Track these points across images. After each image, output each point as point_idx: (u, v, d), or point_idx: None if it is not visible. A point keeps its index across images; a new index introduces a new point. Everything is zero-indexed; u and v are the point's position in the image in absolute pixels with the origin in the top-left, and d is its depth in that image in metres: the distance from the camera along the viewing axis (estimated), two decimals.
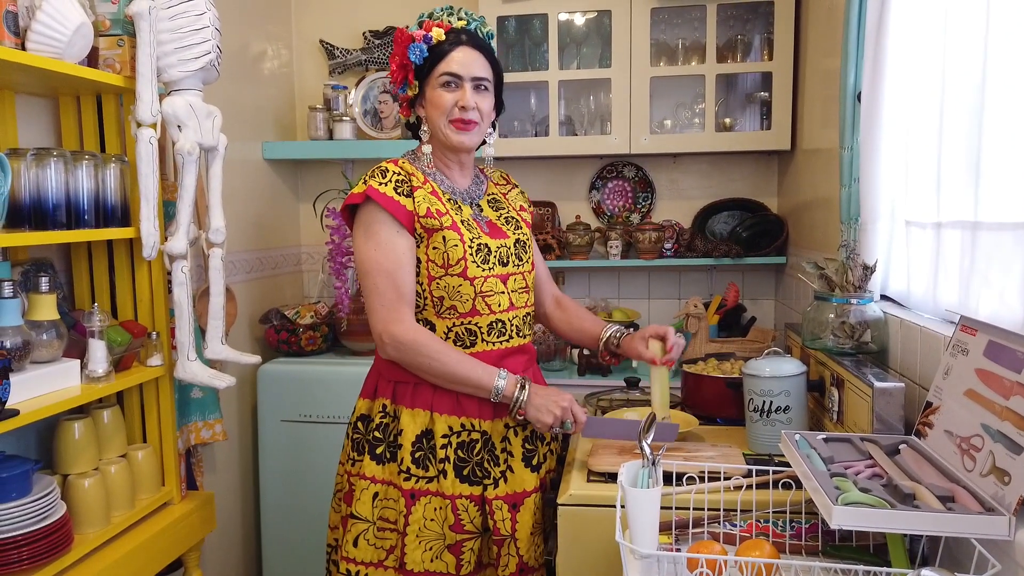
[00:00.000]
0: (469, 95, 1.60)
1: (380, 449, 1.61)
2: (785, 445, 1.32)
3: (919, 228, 1.58)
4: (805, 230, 2.56)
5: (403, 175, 1.60)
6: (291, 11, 3.16)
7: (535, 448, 1.66)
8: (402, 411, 1.61)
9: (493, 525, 1.59)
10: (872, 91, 1.67)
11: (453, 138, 1.62)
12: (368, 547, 1.60)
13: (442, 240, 1.57)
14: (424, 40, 1.60)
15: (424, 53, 1.60)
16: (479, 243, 1.61)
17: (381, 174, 1.59)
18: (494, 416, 1.63)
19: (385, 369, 1.65)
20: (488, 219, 1.69)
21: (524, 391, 1.57)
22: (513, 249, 1.68)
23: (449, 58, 1.60)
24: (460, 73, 1.60)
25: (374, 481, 1.61)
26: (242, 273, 2.75)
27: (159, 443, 1.99)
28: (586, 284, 3.13)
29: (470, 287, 1.59)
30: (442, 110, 1.61)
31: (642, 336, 1.74)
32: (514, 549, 1.59)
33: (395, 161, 1.63)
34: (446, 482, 1.58)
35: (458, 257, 1.58)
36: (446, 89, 1.60)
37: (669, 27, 2.86)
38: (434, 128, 1.64)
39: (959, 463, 1.14)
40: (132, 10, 1.74)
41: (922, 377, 1.43)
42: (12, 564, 1.48)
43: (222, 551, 2.62)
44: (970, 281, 1.31)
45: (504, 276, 1.65)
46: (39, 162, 1.62)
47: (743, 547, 1.18)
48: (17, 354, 1.54)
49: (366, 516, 1.60)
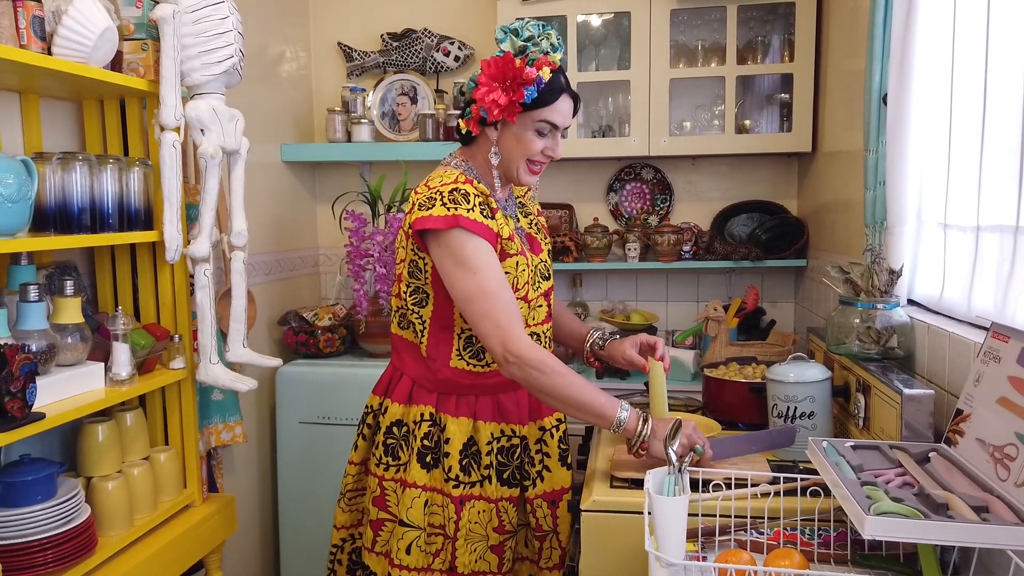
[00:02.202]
0: (560, 144, 1.60)
1: (429, 457, 1.62)
2: (812, 452, 1.31)
3: (959, 231, 1.55)
4: (826, 233, 2.54)
5: (482, 197, 1.55)
6: (309, 14, 3.17)
7: (568, 447, 1.72)
8: (448, 419, 1.62)
9: (535, 522, 1.65)
10: (899, 93, 1.65)
11: (524, 178, 1.61)
12: (420, 553, 1.61)
13: (515, 265, 1.58)
14: (538, 83, 1.52)
15: (535, 95, 1.53)
16: (533, 266, 1.64)
17: (464, 199, 1.52)
18: (529, 420, 1.68)
19: (422, 378, 1.65)
20: (525, 231, 1.71)
21: (647, 425, 1.51)
22: (548, 261, 1.72)
23: (553, 108, 1.55)
24: (559, 124, 1.58)
25: (425, 489, 1.61)
26: (260, 275, 2.76)
27: (181, 445, 1.99)
28: (604, 286, 3.12)
29: (526, 307, 1.61)
30: (528, 153, 1.58)
31: (632, 343, 1.75)
32: (556, 542, 1.68)
33: (469, 181, 1.56)
34: (490, 487, 1.62)
35: (524, 281, 1.60)
36: (538, 133, 1.57)
37: (689, 28, 2.85)
38: (508, 162, 1.60)
39: (992, 472, 1.12)
40: (156, 14, 1.75)
41: (950, 384, 1.41)
42: (38, 567, 1.48)
43: (241, 553, 2.63)
44: (1009, 286, 1.29)
45: (548, 291, 1.69)
46: (64, 166, 1.63)
47: (772, 556, 1.16)
48: (43, 357, 1.55)
49: (418, 523, 1.61)
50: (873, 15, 1.72)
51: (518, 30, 1.56)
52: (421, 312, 1.62)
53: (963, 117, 1.51)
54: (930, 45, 1.60)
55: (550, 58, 1.55)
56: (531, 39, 1.56)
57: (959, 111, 1.53)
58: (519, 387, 1.63)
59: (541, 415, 1.69)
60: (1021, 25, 1.27)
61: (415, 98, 3.07)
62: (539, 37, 1.56)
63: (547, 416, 1.70)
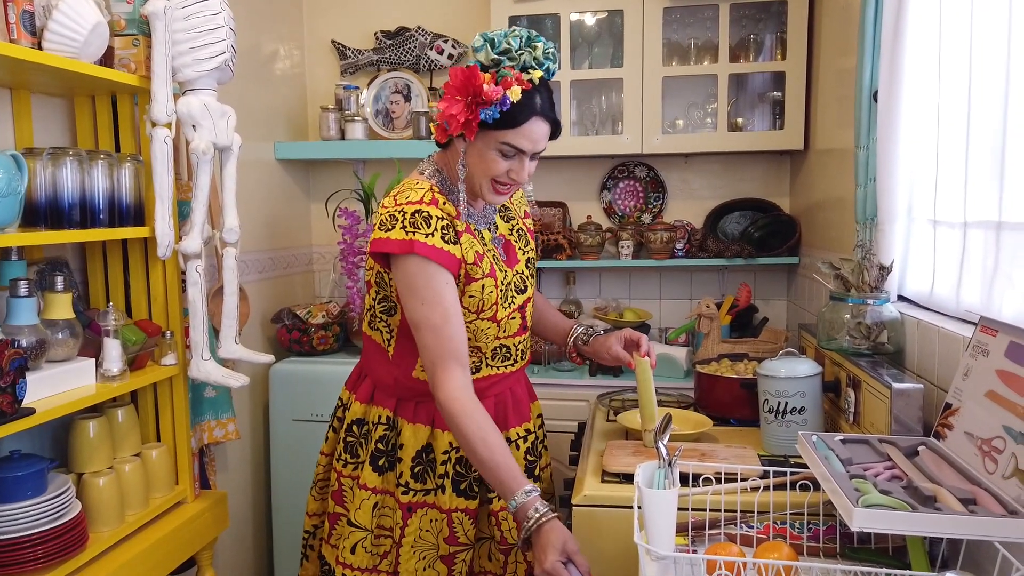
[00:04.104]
0: (526, 168, 1.47)
1: (382, 460, 1.60)
2: (802, 446, 1.31)
3: (947, 227, 1.56)
4: (818, 230, 2.55)
5: (447, 220, 1.47)
6: (303, 12, 3.17)
7: (536, 460, 1.67)
8: (404, 424, 1.59)
9: (500, 535, 1.58)
10: (889, 90, 1.66)
11: (489, 197, 1.50)
12: (365, 554, 1.60)
13: (480, 288, 1.51)
14: (501, 103, 1.38)
15: (496, 116, 1.39)
16: (506, 283, 1.57)
17: (425, 223, 1.43)
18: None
19: (384, 381, 1.62)
20: (503, 238, 1.64)
21: (539, 523, 1.34)
22: (526, 271, 1.65)
23: (519, 131, 1.41)
24: (526, 150, 1.44)
25: (374, 492, 1.59)
26: (254, 273, 2.75)
27: (173, 442, 1.99)
28: (597, 284, 3.12)
29: (496, 327, 1.56)
30: (491, 173, 1.46)
31: (617, 338, 1.68)
32: (521, 556, 1.59)
33: (434, 203, 1.47)
34: (444, 497, 1.56)
35: (491, 302, 1.53)
36: (502, 154, 1.44)
37: (681, 27, 2.85)
38: (472, 178, 1.49)
39: (980, 465, 1.13)
40: (147, 10, 1.74)
41: (940, 378, 1.42)
42: (27, 563, 1.48)
43: (234, 550, 2.62)
44: (993, 281, 1.30)
45: (523, 304, 1.62)
46: (55, 161, 1.62)
47: (761, 549, 1.17)
48: (33, 353, 1.55)
49: (365, 525, 1.59)
50: (864, 13, 1.72)
51: (495, 40, 1.41)
52: (389, 320, 1.59)
53: (951, 114, 1.52)
54: (919, 42, 1.60)
55: (527, 75, 1.40)
56: (507, 52, 1.41)
57: (947, 108, 1.54)
58: (481, 394, 1.54)
59: (507, 425, 1.62)
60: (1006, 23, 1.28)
61: (409, 96, 3.07)
62: (518, 51, 1.41)
63: (513, 427, 1.63)
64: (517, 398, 1.66)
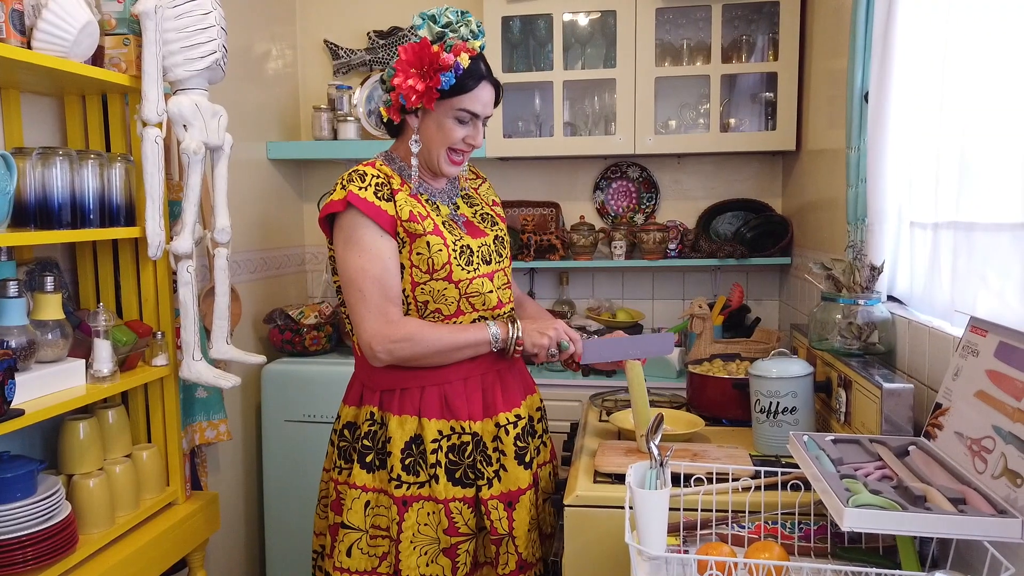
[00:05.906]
0: (481, 134, 1.60)
1: (370, 457, 1.59)
2: (793, 446, 1.31)
3: (920, 228, 1.58)
4: (810, 231, 2.55)
5: (382, 178, 1.56)
6: (295, 11, 3.16)
7: (527, 445, 1.65)
8: (390, 418, 1.59)
9: (490, 525, 1.58)
10: (879, 91, 1.67)
11: (445, 168, 1.61)
12: (361, 556, 1.58)
13: (426, 245, 1.54)
14: (455, 69, 1.51)
15: (452, 82, 1.52)
16: (462, 245, 1.59)
17: (360, 178, 1.54)
18: (484, 416, 1.61)
19: (368, 378, 1.63)
20: (465, 217, 1.68)
21: (515, 325, 1.58)
22: (493, 246, 1.67)
23: (473, 96, 1.55)
24: (480, 113, 1.58)
25: (365, 490, 1.59)
26: (246, 273, 2.74)
27: (164, 443, 1.98)
28: (590, 284, 3.12)
29: (455, 290, 1.58)
30: (449, 141, 1.58)
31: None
32: (512, 547, 1.59)
33: (372, 163, 1.59)
34: (438, 487, 1.56)
35: (443, 262, 1.55)
36: (458, 122, 1.57)
37: (674, 27, 2.86)
38: (429, 151, 1.60)
39: (970, 465, 1.14)
40: (138, 9, 1.74)
41: (930, 378, 1.42)
42: (17, 564, 1.47)
43: (226, 551, 2.61)
44: (966, 281, 1.31)
45: (490, 274, 1.64)
46: (44, 161, 1.61)
47: (752, 549, 1.17)
48: (22, 354, 1.54)
49: (358, 525, 1.58)
50: (855, 14, 1.73)
51: (436, 16, 1.54)
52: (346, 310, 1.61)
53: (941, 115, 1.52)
54: (910, 43, 1.61)
55: (469, 44, 1.53)
56: (449, 25, 1.54)
57: (938, 109, 1.54)
58: (466, 379, 1.59)
59: (496, 410, 1.62)
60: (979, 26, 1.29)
61: None
62: (457, 23, 1.54)
63: (502, 412, 1.63)
64: (506, 384, 1.66)
